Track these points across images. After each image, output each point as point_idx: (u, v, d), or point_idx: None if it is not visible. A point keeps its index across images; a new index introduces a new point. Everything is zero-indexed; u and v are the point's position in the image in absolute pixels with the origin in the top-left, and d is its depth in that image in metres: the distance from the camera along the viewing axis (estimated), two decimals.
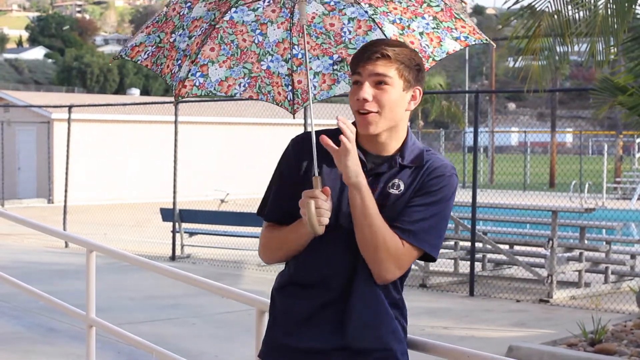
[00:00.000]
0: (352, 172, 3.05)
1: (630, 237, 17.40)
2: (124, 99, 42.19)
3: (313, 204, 3.05)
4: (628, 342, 9.50)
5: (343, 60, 3.76)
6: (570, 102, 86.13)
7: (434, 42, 3.62)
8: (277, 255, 3.37)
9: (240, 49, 3.68)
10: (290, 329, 3.23)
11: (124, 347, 9.25)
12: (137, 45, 3.56)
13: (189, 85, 3.67)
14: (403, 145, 3.26)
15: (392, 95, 3.16)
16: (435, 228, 3.19)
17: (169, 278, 5.50)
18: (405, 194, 3.18)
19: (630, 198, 31.54)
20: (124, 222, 23.20)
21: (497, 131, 51.50)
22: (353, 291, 3.17)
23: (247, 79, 3.73)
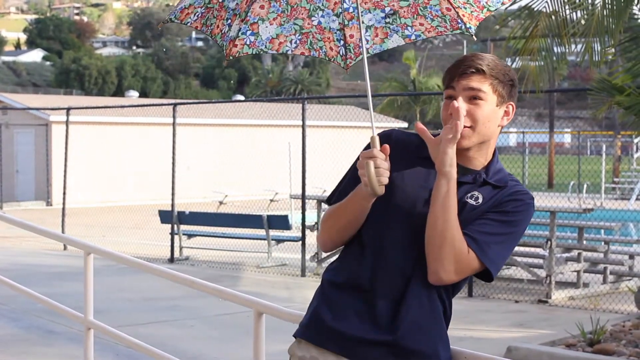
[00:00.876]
0: (449, 159, 3.04)
1: (629, 237, 17.40)
2: (122, 101, 42.20)
3: (372, 164, 3.02)
4: (627, 343, 9.51)
5: (395, 12, 3.68)
6: (568, 103, 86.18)
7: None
8: (334, 230, 3.28)
9: (291, 5, 3.63)
10: (341, 315, 3.18)
11: (122, 349, 9.25)
12: (186, 8, 3.54)
13: (240, 45, 3.63)
14: (490, 163, 3.25)
15: (485, 111, 3.15)
16: (500, 247, 3.15)
17: (167, 280, 5.50)
18: (481, 207, 3.16)
19: (629, 198, 31.55)
20: (122, 224, 23.19)
21: None
22: (409, 290, 3.14)
23: (299, 35, 3.67)
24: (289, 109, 33.66)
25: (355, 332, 3.15)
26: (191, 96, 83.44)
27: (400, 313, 3.14)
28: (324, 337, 3.20)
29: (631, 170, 38.41)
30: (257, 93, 71.44)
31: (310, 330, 3.26)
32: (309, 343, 3.24)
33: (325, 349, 3.20)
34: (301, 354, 3.25)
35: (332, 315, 3.20)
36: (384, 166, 3.04)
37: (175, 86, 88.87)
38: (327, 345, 3.19)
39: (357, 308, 3.17)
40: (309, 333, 3.26)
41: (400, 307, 3.14)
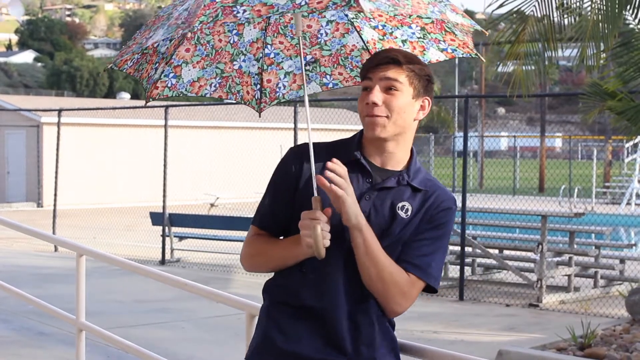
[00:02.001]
0: (351, 214, 3.03)
1: (620, 242, 17.44)
2: (114, 102, 42.17)
3: (319, 227, 3.01)
4: (617, 347, 9.53)
5: (316, 61, 3.75)
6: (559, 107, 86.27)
7: (417, 50, 3.60)
8: (262, 268, 3.33)
9: (215, 49, 3.66)
10: (291, 336, 3.17)
11: (113, 351, 9.24)
12: (126, 54, 3.54)
13: (161, 87, 3.64)
14: (410, 162, 3.24)
15: (401, 101, 3.15)
16: (439, 259, 3.20)
17: (158, 282, 5.49)
18: (412, 220, 3.16)
19: (620, 203, 31.60)
20: (114, 225, 23.16)
21: (487, 136, 51.57)
22: (356, 306, 3.14)
23: (219, 79, 3.71)
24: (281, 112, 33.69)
25: (309, 353, 3.14)
26: (183, 98, 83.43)
27: (351, 331, 3.14)
28: (275, 359, 3.18)
29: (622, 174, 38.45)
30: None
31: (262, 354, 3.24)
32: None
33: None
34: None
35: (283, 336, 3.18)
36: (327, 229, 3.04)
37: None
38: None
39: (306, 328, 3.16)
40: (260, 355, 3.24)
41: (350, 325, 3.14)
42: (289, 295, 3.20)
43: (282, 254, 3.21)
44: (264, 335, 3.25)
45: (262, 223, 3.30)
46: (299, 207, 3.14)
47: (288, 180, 3.23)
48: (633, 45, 9.97)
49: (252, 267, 3.36)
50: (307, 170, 3.19)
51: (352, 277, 3.13)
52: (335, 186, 2.98)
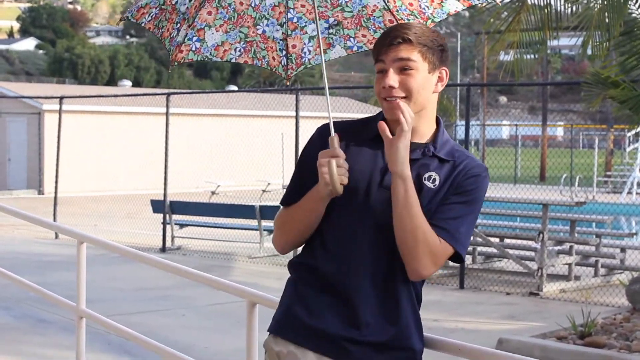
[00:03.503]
0: (400, 157, 3.02)
1: (621, 231, 17.43)
2: (116, 90, 42.11)
3: (334, 163, 3.02)
4: (617, 335, 9.52)
5: (339, 23, 3.70)
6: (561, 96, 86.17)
7: (435, 2, 3.56)
8: (292, 234, 3.28)
9: (237, 12, 3.63)
10: (316, 313, 3.15)
11: (114, 339, 9.24)
12: (142, 7, 3.53)
13: (185, 50, 3.63)
14: (436, 133, 3.22)
15: (418, 80, 3.12)
16: (467, 227, 3.16)
17: (159, 269, 5.49)
18: (440, 190, 3.13)
19: (621, 192, 31.59)
20: (115, 213, 23.17)
21: (489, 124, 51.51)
22: (381, 284, 3.14)
23: (243, 43, 3.68)
24: (283, 100, 33.65)
25: (333, 330, 3.13)
26: (184, 86, 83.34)
27: (375, 309, 3.13)
28: (301, 335, 3.17)
29: (623, 163, 38.46)
30: (250, 83, 71.33)
31: (286, 328, 3.22)
32: (286, 340, 3.20)
33: (303, 347, 3.16)
34: (278, 349, 3.20)
35: (308, 312, 3.17)
36: (345, 165, 3.05)
37: (169, 76, 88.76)
38: (305, 344, 3.16)
39: (331, 305, 3.15)
40: (285, 330, 3.22)
41: (375, 303, 3.13)
42: (313, 271, 3.19)
43: (303, 207, 3.19)
44: (288, 309, 3.24)
45: (289, 200, 3.28)
46: None
47: (314, 158, 3.19)
48: (635, 34, 9.96)
49: (283, 241, 3.32)
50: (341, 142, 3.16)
51: (378, 254, 3.13)
52: (404, 118, 2.99)
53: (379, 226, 3.12)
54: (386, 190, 3.12)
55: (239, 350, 5.80)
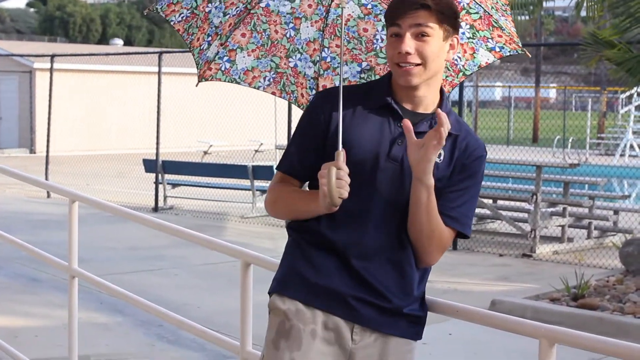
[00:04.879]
0: (428, 169, 2.97)
1: (613, 193, 17.45)
2: (107, 49, 41.89)
3: (334, 173, 2.93)
4: (610, 297, 9.54)
5: (372, 68, 3.60)
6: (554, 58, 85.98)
7: (467, 53, 3.49)
8: (282, 217, 3.30)
9: (271, 40, 3.54)
10: (323, 272, 3.11)
11: (106, 298, 9.22)
12: (173, 3, 3.43)
13: (215, 69, 3.56)
14: (440, 104, 3.17)
15: (434, 47, 3.05)
16: (472, 210, 3.19)
17: (151, 229, 5.45)
18: (446, 167, 3.11)
19: (614, 154, 31.63)
20: (107, 172, 23.12)
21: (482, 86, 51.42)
22: (388, 249, 3.11)
23: (273, 73, 3.59)
24: None
25: (342, 289, 3.09)
26: (177, 45, 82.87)
27: (384, 276, 3.11)
28: (308, 292, 3.12)
29: (616, 126, 38.47)
30: None
31: (291, 285, 3.16)
32: (293, 299, 3.14)
33: (311, 305, 3.12)
34: (286, 307, 3.13)
35: (315, 271, 3.12)
36: (347, 179, 2.96)
37: (161, 35, 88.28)
38: (313, 302, 3.11)
39: (339, 267, 3.10)
40: (291, 288, 3.16)
41: (384, 270, 3.11)
42: (318, 234, 3.14)
43: (300, 206, 3.15)
44: (291, 268, 3.18)
45: (287, 169, 3.23)
46: (331, 152, 3.07)
47: (317, 126, 3.16)
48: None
49: (274, 214, 3.31)
50: (338, 114, 3.11)
51: (388, 227, 3.10)
52: (442, 132, 2.90)
53: (388, 198, 3.09)
54: (393, 162, 3.08)
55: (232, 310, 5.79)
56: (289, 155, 3.24)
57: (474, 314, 3.36)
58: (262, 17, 3.52)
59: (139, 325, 8.55)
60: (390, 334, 3.16)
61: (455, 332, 8.42)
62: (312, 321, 3.11)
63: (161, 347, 7.93)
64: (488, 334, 7.52)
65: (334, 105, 3.13)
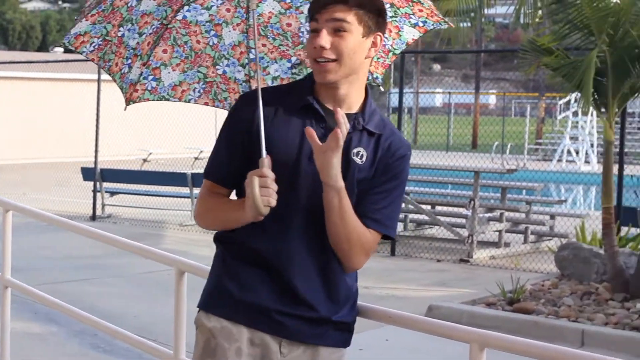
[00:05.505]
0: (334, 170, 2.95)
1: (550, 198, 17.63)
2: (47, 56, 41.48)
3: (257, 182, 2.91)
4: (545, 301, 9.64)
5: (302, 62, 3.61)
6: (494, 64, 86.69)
7: (393, 32, 3.49)
8: (212, 227, 3.24)
9: (195, 51, 3.52)
10: (247, 287, 3.09)
11: (41, 308, 9.13)
12: (81, 35, 3.37)
13: (141, 90, 3.51)
14: (364, 103, 3.15)
15: (350, 43, 3.02)
16: (397, 212, 3.18)
17: (88, 238, 5.42)
18: (369, 167, 3.09)
19: (551, 159, 31.95)
20: (44, 181, 22.89)
21: (422, 92, 51.77)
22: (313, 257, 3.10)
23: (202, 84, 3.56)
24: None
25: (267, 304, 3.08)
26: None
27: (310, 284, 3.09)
28: (233, 310, 3.11)
29: (554, 131, 38.87)
30: None
31: (217, 303, 3.15)
32: (218, 316, 3.13)
33: (237, 322, 3.10)
34: (211, 324, 3.12)
35: (239, 286, 3.10)
36: (273, 187, 2.94)
37: None
38: (239, 319, 3.10)
39: (264, 279, 3.09)
40: (217, 306, 3.15)
41: (310, 277, 3.09)
42: (244, 246, 3.12)
43: (227, 216, 3.12)
44: (217, 284, 3.17)
45: (215, 176, 3.19)
46: (256, 156, 3.04)
47: (240, 130, 3.13)
48: (569, 3, 10.03)
49: (204, 225, 3.27)
50: (259, 118, 3.07)
51: (314, 230, 3.08)
52: (342, 132, 2.89)
53: (310, 202, 3.07)
54: (315, 164, 3.04)
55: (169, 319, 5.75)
56: (215, 162, 3.20)
57: (407, 319, 3.39)
58: (181, 30, 3.49)
59: (73, 335, 8.48)
60: (319, 345, 3.15)
61: (392, 338, 8.45)
62: (237, 338, 3.10)
63: (96, 356, 7.87)
64: (425, 340, 7.57)
65: (255, 108, 3.09)
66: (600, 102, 9.99)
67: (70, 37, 3.39)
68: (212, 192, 3.21)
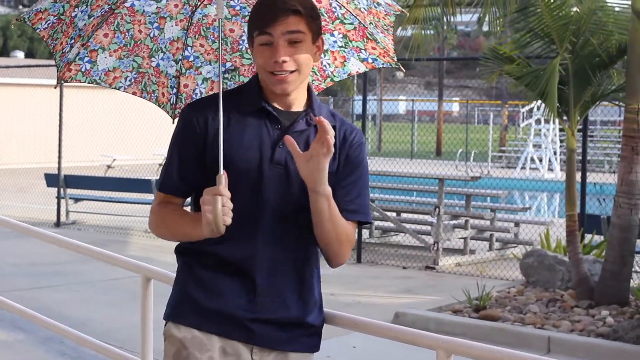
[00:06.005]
0: (323, 176, 2.95)
1: (515, 205, 17.72)
2: (7, 61, 41.21)
3: (220, 202, 2.88)
4: (511, 308, 9.68)
5: (236, 69, 3.62)
6: (457, 72, 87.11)
7: (337, 61, 3.52)
8: (168, 239, 3.22)
9: (135, 40, 3.51)
10: (214, 294, 3.08)
11: (6, 315, 9.05)
12: (41, 11, 3.34)
13: (75, 70, 3.49)
14: (310, 99, 3.17)
15: (306, 51, 3.05)
16: (368, 197, 3.21)
17: (52, 245, 5.38)
18: (333, 160, 3.08)
19: (515, 167, 32.12)
20: (7, 187, 22.72)
21: (386, 99, 51.92)
22: (280, 260, 3.10)
23: (135, 73, 3.55)
24: None
25: (235, 310, 3.07)
26: None
27: (278, 287, 3.10)
28: (203, 318, 3.09)
29: (517, 139, 39.10)
30: None
31: (185, 313, 3.13)
32: (188, 326, 3.11)
33: (207, 331, 3.09)
34: (181, 335, 3.10)
35: (206, 294, 3.09)
36: (229, 205, 2.91)
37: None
38: (208, 328, 3.09)
39: (232, 285, 3.08)
40: (185, 315, 3.12)
41: (278, 281, 3.10)
42: (209, 254, 3.10)
43: (183, 231, 3.09)
44: (184, 294, 3.14)
45: (168, 189, 3.17)
46: (211, 164, 3.04)
47: (192, 140, 3.10)
48: (530, 11, 10.11)
49: (159, 236, 3.25)
50: (214, 124, 3.06)
51: (280, 234, 3.08)
52: (329, 140, 2.88)
53: (276, 204, 3.07)
54: (278, 166, 3.06)
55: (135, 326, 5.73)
56: (168, 173, 3.17)
57: (373, 326, 3.40)
58: (126, 17, 3.49)
59: (40, 342, 8.41)
60: (289, 351, 3.15)
61: (359, 345, 8.46)
62: (209, 348, 3.08)
63: None
64: (392, 347, 7.58)
65: (206, 115, 3.09)
66: (562, 110, 10.06)
67: (30, 13, 3.38)
68: (165, 202, 3.19)
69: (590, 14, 9.72)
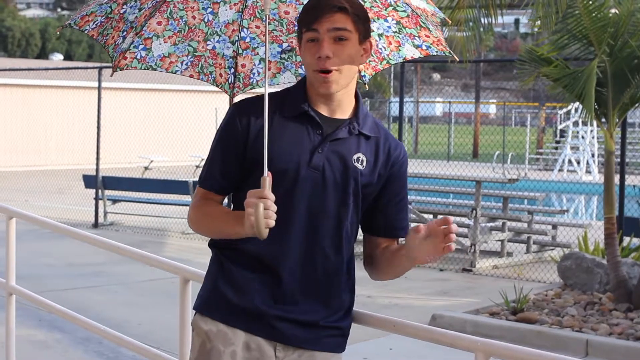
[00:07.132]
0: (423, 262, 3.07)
1: (552, 208, 17.62)
2: (47, 63, 41.55)
3: (262, 206, 2.87)
4: (549, 311, 9.62)
5: (292, 49, 3.64)
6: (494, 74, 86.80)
7: (392, 45, 3.52)
8: (207, 235, 3.23)
9: (189, 26, 3.55)
10: (243, 291, 3.11)
11: (45, 315, 9.13)
12: (87, 15, 3.41)
13: (130, 57, 3.54)
14: (357, 107, 3.17)
15: (351, 50, 3.06)
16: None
17: (91, 245, 5.41)
18: (368, 170, 3.13)
19: (552, 169, 31.94)
20: (46, 188, 22.88)
21: (422, 101, 51.74)
22: (311, 262, 3.12)
23: (191, 57, 3.60)
24: None
25: (262, 308, 3.10)
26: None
27: (307, 289, 3.12)
28: (229, 314, 3.13)
29: (555, 141, 38.84)
30: None
31: (213, 307, 3.16)
32: (215, 320, 3.14)
33: (233, 326, 3.12)
34: (207, 327, 3.14)
35: (235, 290, 3.12)
36: (273, 208, 2.90)
37: (101, 49, 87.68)
38: (235, 323, 3.12)
39: (261, 283, 3.11)
40: (212, 309, 3.16)
41: (307, 283, 3.12)
42: (241, 251, 3.13)
43: (224, 229, 3.10)
44: (214, 288, 3.18)
45: (210, 185, 3.19)
46: (251, 164, 3.07)
47: (236, 138, 3.12)
48: (568, 13, 10.03)
49: (198, 232, 3.27)
50: (256, 124, 3.08)
51: (313, 237, 3.11)
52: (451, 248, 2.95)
53: (311, 208, 3.09)
54: (315, 171, 3.07)
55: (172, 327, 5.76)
56: (210, 170, 3.20)
57: (411, 328, 3.39)
58: (179, 5, 3.53)
59: (78, 342, 8.48)
60: (313, 350, 3.17)
61: (396, 346, 8.45)
62: (233, 342, 3.11)
63: None
64: (429, 349, 7.58)
65: (250, 115, 3.11)
66: (600, 112, 9.99)
67: (76, 19, 3.45)
68: (206, 198, 3.21)
69: (629, 16, 9.65)
